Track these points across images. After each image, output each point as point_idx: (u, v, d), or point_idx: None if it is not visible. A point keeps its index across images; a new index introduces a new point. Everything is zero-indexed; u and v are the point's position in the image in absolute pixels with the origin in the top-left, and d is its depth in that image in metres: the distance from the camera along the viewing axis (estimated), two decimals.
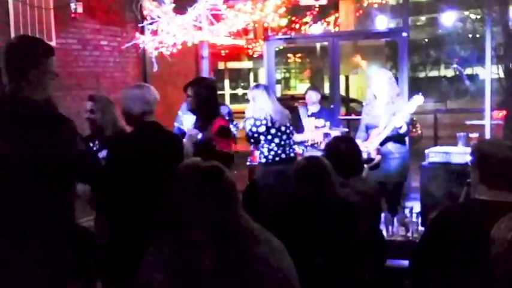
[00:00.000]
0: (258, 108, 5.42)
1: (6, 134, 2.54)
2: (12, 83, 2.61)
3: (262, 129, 5.38)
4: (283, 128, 5.48)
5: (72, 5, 7.11)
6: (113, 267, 3.45)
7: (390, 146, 5.37)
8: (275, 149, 5.45)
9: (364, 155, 5.15)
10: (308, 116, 6.86)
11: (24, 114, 2.58)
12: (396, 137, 5.39)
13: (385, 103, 5.40)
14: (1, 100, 2.66)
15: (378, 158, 5.30)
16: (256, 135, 5.43)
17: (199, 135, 4.50)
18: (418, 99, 5.33)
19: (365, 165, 4.91)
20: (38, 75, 2.64)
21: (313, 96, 6.95)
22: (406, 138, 5.71)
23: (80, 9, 7.22)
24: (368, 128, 5.53)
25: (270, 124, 5.39)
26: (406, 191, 6.92)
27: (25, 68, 2.62)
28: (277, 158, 5.48)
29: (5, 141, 2.52)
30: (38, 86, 2.64)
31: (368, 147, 5.27)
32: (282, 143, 5.48)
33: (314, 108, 6.92)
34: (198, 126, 4.67)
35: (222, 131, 4.52)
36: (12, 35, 6.32)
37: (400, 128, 5.23)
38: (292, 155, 5.60)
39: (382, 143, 5.36)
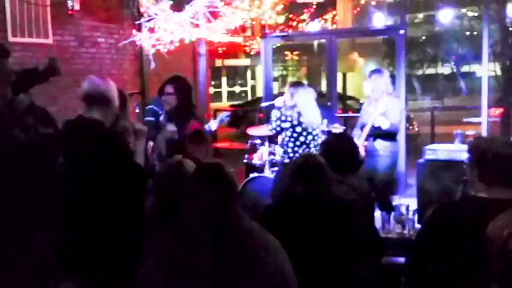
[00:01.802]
0: (290, 106, 5.49)
1: None
2: None
3: (287, 125, 5.46)
4: (310, 129, 5.55)
5: (69, 2, 7.09)
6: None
7: (377, 144, 5.54)
8: (300, 151, 5.48)
9: None
10: None
11: None
12: (383, 134, 5.53)
13: (373, 101, 5.61)
14: None
15: (362, 155, 5.39)
16: (278, 128, 5.55)
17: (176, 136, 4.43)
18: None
19: None
20: None
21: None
22: (401, 138, 5.77)
23: (76, 6, 7.19)
24: (363, 126, 5.70)
25: (295, 122, 5.44)
26: (397, 189, 6.95)
27: None
28: None
29: None
30: None
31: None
32: (307, 142, 5.53)
33: None
34: (174, 124, 4.60)
35: (195, 136, 4.34)
36: (9, 32, 6.30)
37: (380, 125, 5.40)
38: None
39: (368, 139, 5.56)
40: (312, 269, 2.71)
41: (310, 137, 5.57)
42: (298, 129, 5.49)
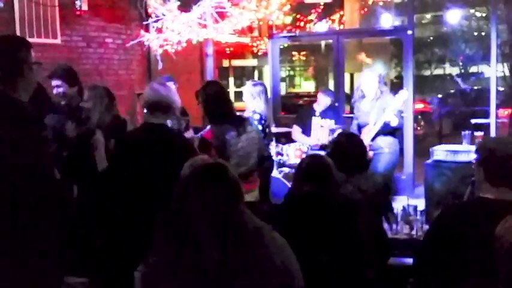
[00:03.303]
0: (257, 106, 5.44)
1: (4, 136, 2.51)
2: (7, 83, 2.60)
3: (260, 127, 5.40)
4: (267, 130, 5.53)
5: (77, 2, 7.12)
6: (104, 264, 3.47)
7: (380, 141, 5.55)
8: None
9: None
10: (315, 115, 6.86)
11: (15, 116, 2.57)
12: (387, 132, 5.59)
13: (371, 100, 5.66)
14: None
15: (370, 154, 5.42)
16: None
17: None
18: (403, 93, 5.61)
19: None
20: (28, 70, 2.67)
21: (327, 101, 6.91)
22: (409, 138, 5.76)
23: (84, 7, 7.22)
24: (360, 127, 5.75)
25: (265, 124, 5.43)
26: (396, 188, 6.95)
27: (18, 65, 2.63)
28: None
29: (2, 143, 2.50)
30: (30, 80, 2.67)
31: None
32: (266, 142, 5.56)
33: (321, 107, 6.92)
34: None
35: (202, 145, 4.23)
36: (18, 32, 6.32)
37: (390, 121, 5.46)
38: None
39: (373, 139, 5.56)
40: (318, 268, 2.71)
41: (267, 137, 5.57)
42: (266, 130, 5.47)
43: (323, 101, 6.89)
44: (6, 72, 2.62)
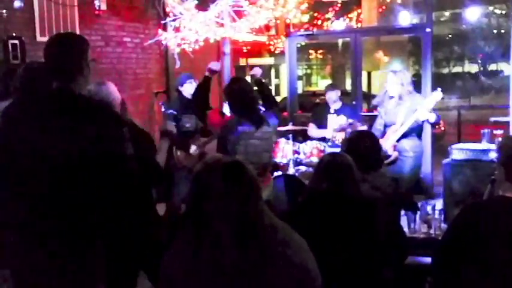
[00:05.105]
0: None
1: (64, 130, 2.50)
2: (68, 79, 2.62)
3: None
4: None
5: (96, 2, 7.17)
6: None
7: (405, 144, 5.50)
8: None
9: None
10: (330, 113, 6.85)
11: (82, 110, 2.58)
12: (417, 132, 5.59)
13: (396, 101, 5.59)
14: (62, 96, 2.63)
15: (394, 154, 5.43)
16: None
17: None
18: (437, 94, 5.53)
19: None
20: (86, 67, 2.68)
21: (333, 96, 6.93)
22: (428, 137, 5.74)
23: (103, 6, 7.26)
24: (386, 126, 5.69)
25: None
26: (425, 189, 6.91)
27: (81, 62, 2.65)
28: None
29: (64, 137, 2.49)
30: (88, 77, 2.69)
31: (384, 144, 5.31)
32: None
33: (336, 105, 6.91)
34: None
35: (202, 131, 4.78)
36: (37, 31, 6.38)
37: (426, 120, 5.47)
38: None
39: (399, 140, 5.51)
40: (335, 267, 2.70)
41: None
42: None
43: (330, 97, 6.90)
44: (68, 69, 2.63)
